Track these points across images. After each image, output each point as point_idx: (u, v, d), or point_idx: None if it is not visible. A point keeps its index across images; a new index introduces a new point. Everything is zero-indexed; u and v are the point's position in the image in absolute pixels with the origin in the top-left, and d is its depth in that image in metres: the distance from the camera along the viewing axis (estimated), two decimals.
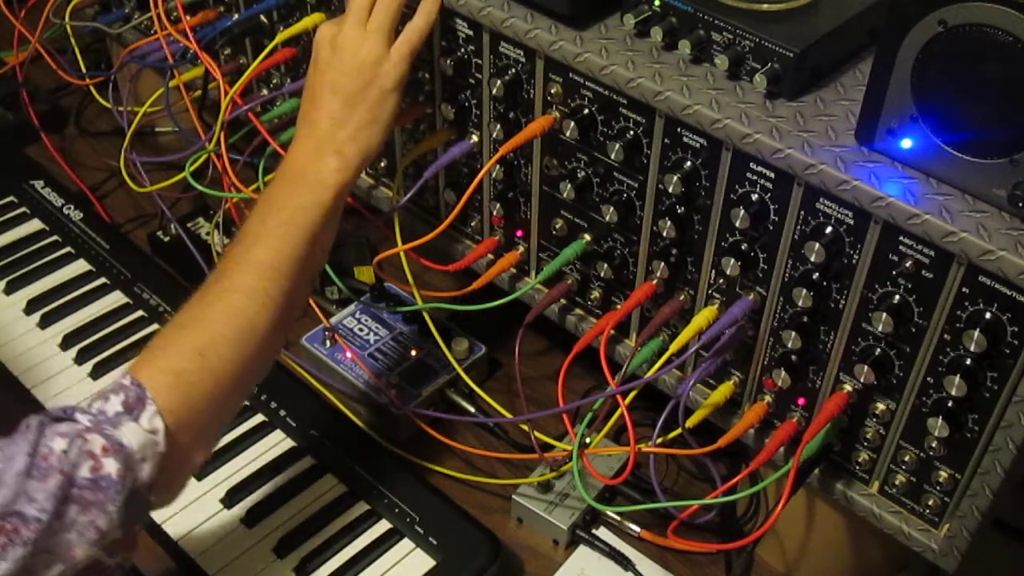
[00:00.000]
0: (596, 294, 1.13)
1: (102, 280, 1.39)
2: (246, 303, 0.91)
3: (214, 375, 0.88)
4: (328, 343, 1.29)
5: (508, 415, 1.21)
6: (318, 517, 1.13)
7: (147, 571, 1.10)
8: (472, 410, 1.24)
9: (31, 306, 1.35)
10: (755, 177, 0.91)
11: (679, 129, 0.95)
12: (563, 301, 1.16)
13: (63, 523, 0.76)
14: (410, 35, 1.04)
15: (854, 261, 0.88)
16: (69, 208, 1.48)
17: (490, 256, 1.20)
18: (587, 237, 1.09)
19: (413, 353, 1.28)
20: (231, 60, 1.40)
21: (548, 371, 1.31)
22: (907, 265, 0.85)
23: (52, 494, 0.76)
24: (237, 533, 1.12)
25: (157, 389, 0.84)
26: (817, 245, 0.88)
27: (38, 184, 1.52)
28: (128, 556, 0.83)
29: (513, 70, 1.05)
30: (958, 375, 0.85)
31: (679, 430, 0.98)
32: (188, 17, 1.31)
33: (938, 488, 0.94)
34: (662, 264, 1.03)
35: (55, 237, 1.45)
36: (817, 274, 0.91)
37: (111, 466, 0.79)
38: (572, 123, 1.01)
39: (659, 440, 0.99)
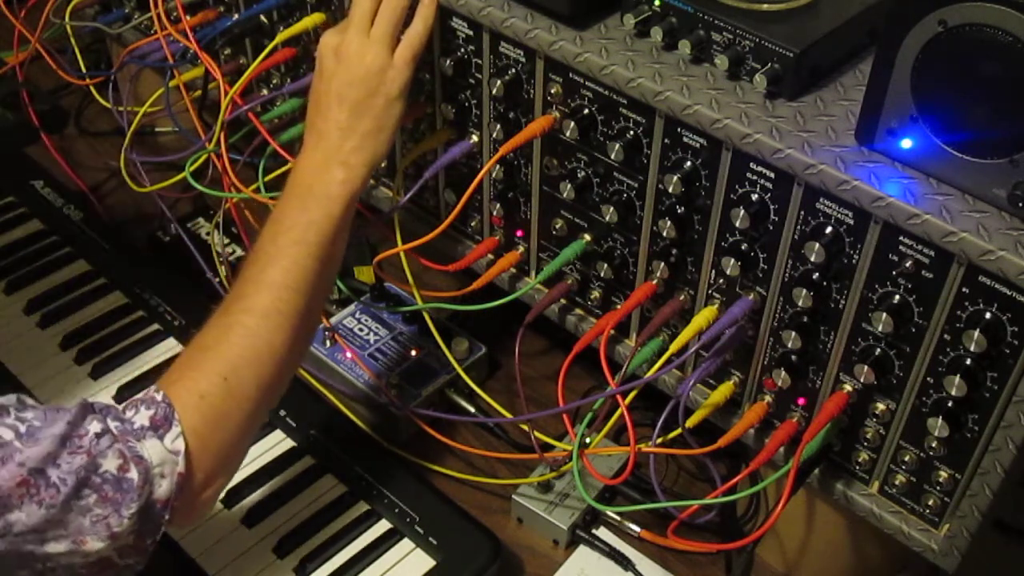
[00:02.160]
0: (596, 294, 1.13)
1: (102, 280, 1.39)
2: (262, 324, 0.93)
3: (235, 398, 0.90)
4: (328, 343, 1.29)
5: (508, 415, 1.21)
6: (318, 517, 1.14)
7: (147, 571, 1.10)
8: (472, 410, 1.24)
9: (31, 306, 1.35)
10: (755, 177, 0.91)
11: (679, 129, 0.94)
12: (563, 301, 1.16)
13: (80, 504, 0.79)
14: (411, 40, 1.04)
15: (854, 261, 0.88)
16: (69, 208, 1.48)
17: (490, 256, 1.20)
18: (587, 237, 1.09)
19: (413, 353, 1.28)
20: (231, 60, 1.40)
21: (548, 371, 1.31)
22: (907, 265, 0.85)
23: (75, 471, 0.79)
24: (237, 533, 1.12)
25: (183, 409, 0.87)
26: (817, 245, 0.88)
27: (38, 184, 1.51)
28: (140, 561, 0.86)
29: (513, 70, 1.05)
30: (958, 375, 0.85)
31: (679, 430, 0.98)
32: (188, 17, 1.31)
33: (938, 488, 0.94)
34: (662, 264, 1.03)
35: (55, 237, 1.45)
36: (817, 274, 0.91)
37: (134, 473, 0.81)
38: (572, 123, 1.01)
39: (659, 440, 0.99)
